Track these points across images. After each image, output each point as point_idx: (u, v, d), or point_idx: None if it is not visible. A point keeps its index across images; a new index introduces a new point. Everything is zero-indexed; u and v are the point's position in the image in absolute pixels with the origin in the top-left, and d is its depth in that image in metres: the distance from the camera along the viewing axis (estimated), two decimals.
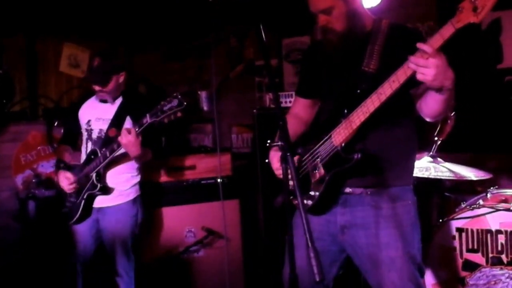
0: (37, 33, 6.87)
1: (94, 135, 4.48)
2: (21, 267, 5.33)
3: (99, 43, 6.98)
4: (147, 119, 4.00)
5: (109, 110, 4.48)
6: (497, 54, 5.04)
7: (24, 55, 6.85)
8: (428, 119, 2.94)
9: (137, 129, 4.06)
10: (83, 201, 4.36)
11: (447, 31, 2.46)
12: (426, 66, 2.51)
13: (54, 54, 7.04)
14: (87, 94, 4.71)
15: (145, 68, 7.29)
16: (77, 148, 4.75)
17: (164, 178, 5.28)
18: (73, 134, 4.73)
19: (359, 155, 2.81)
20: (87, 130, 4.54)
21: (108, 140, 4.32)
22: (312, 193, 3.03)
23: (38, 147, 6.01)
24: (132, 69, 7.26)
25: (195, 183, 5.34)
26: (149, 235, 5.09)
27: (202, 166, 5.37)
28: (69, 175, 4.45)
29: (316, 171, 3.02)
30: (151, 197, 5.13)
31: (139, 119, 4.12)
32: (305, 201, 3.04)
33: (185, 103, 3.91)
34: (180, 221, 5.23)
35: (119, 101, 4.52)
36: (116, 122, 4.40)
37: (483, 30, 5.05)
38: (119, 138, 4.11)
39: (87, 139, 4.53)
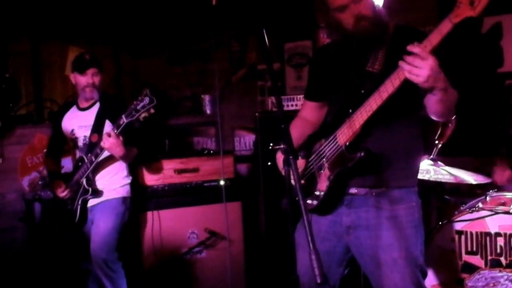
0: (43, 37, 6.89)
1: (80, 142, 4.64)
2: (27, 268, 5.35)
3: (104, 47, 7.02)
4: (123, 120, 4.15)
5: (89, 116, 4.63)
6: (497, 58, 5.05)
7: (29, 59, 6.87)
8: (434, 118, 2.95)
9: (116, 131, 4.21)
10: (78, 207, 4.53)
11: (445, 27, 2.48)
12: (420, 67, 2.51)
13: (59, 58, 7.06)
14: (66, 105, 4.93)
15: (148, 72, 7.31)
16: (62, 155, 4.98)
17: (167, 180, 5.32)
18: (57, 144, 4.90)
19: (362, 154, 2.84)
20: (72, 139, 4.69)
21: (92, 146, 4.48)
22: (317, 193, 3.06)
23: (44, 150, 6.03)
24: (135, 73, 7.31)
25: (198, 186, 5.39)
26: (153, 237, 5.13)
27: (205, 169, 5.41)
28: (61, 182, 4.63)
29: (322, 171, 3.05)
30: (154, 199, 5.19)
31: (116, 120, 4.25)
32: (310, 201, 3.06)
33: (155, 100, 4.03)
34: (183, 223, 5.26)
35: (96, 107, 4.66)
36: (97, 127, 4.55)
37: (484, 34, 5.07)
38: (102, 143, 4.27)
39: (74, 148, 4.69)
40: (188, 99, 7.10)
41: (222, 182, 5.27)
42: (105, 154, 4.44)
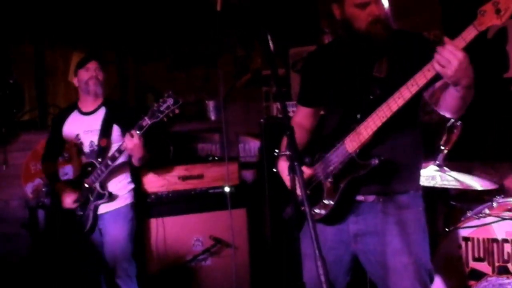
0: (46, 42, 6.89)
1: (86, 148, 4.58)
2: (31, 276, 5.34)
3: (107, 52, 7.01)
4: (147, 121, 4.16)
5: (95, 121, 4.59)
6: (503, 63, 5.03)
7: (33, 64, 6.86)
8: (447, 115, 2.97)
9: (138, 132, 4.20)
10: (91, 212, 4.48)
11: (470, 34, 2.51)
12: (450, 59, 2.52)
13: (63, 63, 7.05)
14: (66, 110, 4.87)
15: (152, 77, 7.29)
16: (56, 161, 4.92)
17: (171, 187, 5.30)
18: (56, 149, 4.86)
19: (377, 161, 2.83)
20: (76, 144, 4.62)
21: (102, 150, 4.47)
22: (326, 201, 3.02)
23: None
24: (139, 78, 7.29)
25: (202, 192, 5.37)
26: (157, 244, 5.11)
27: (210, 175, 5.39)
28: (70, 189, 4.57)
29: (330, 179, 3.02)
30: (159, 206, 5.17)
31: (128, 124, 4.30)
32: (318, 211, 3.04)
33: (180, 100, 4.09)
34: (187, 230, 5.25)
35: (102, 111, 4.62)
36: (105, 132, 4.53)
37: (489, 39, 5.04)
38: (124, 144, 4.26)
39: (78, 153, 4.63)
40: (192, 104, 7.08)
41: (227, 189, 5.24)
42: (122, 158, 4.45)
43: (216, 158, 5.80)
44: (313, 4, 6.08)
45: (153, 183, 5.23)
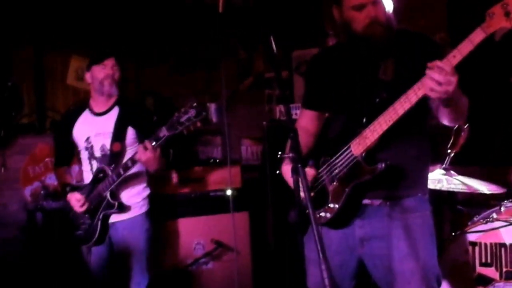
0: (46, 46, 6.88)
1: (97, 152, 4.27)
2: (30, 279, 5.32)
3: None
4: (164, 133, 3.82)
5: (108, 123, 4.27)
6: (510, 67, 5.01)
7: (32, 67, 6.85)
8: (448, 125, 2.95)
9: (154, 144, 3.88)
10: (99, 222, 4.17)
11: (478, 36, 2.49)
12: (448, 83, 2.50)
13: (61, 67, 7.04)
14: (76, 109, 4.52)
15: (153, 80, 7.29)
16: (70, 165, 4.59)
17: (172, 190, 5.28)
18: (67, 152, 4.53)
19: (383, 165, 2.79)
20: (87, 148, 4.32)
21: (114, 156, 4.17)
22: (331, 205, 2.98)
23: (46, 159, 6.00)
24: (140, 81, 7.27)
25: (204, 196, 5.34)
26: (158, 247, 5.05)
27: (211, 179, 5.38)
28: (78, 196, 4.24)
29: (335, 183, 2.98)
30: (159, 209, 5.10)
31: (144, 127, 4.10)
32: (323, 214, 3.00)
33: (204, 113, 3.76)
34: (189, 234, 5.22)
35: (115, 111, 4.31)
36: (118, 135, 4.22)
37: (496, 42, 5.01)
38: (138, 157, 3.94)
39: (89, 158, 4.32)
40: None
41: (229, 192, 5.20)
42: (135, 168, 4.11)
43: (217, 161, 5.76)
44: (317, 6, 6.05)
45: (154, 185, 5.16)
